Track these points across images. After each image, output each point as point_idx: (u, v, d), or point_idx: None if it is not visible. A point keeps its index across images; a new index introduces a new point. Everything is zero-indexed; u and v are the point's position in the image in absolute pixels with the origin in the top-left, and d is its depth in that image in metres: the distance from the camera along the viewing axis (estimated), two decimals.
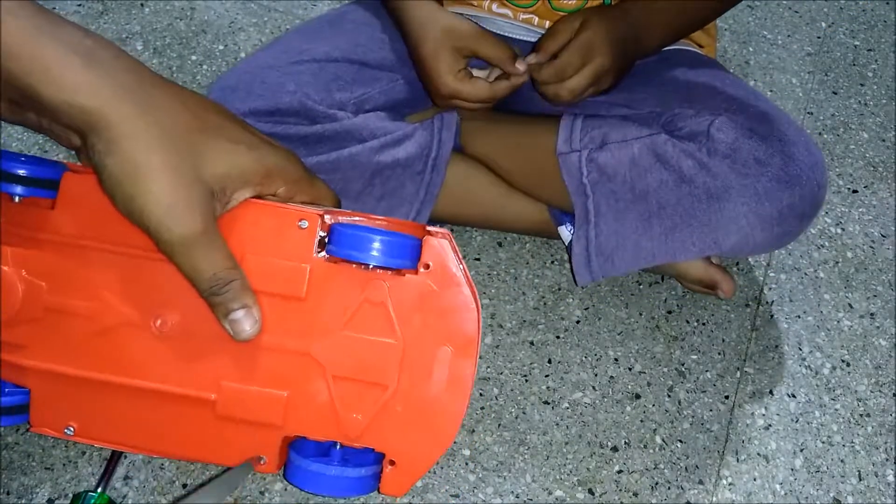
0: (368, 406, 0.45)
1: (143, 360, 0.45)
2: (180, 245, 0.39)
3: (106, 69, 0.37)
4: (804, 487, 0.65)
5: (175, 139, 0.38)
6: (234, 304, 0.41)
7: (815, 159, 0.66)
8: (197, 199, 0.39)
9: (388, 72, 0.71)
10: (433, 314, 0.45)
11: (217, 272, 0.40)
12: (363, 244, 0.44)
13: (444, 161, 0.70)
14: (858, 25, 1.12)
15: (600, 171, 0.67)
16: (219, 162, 0.40)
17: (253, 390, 0.45)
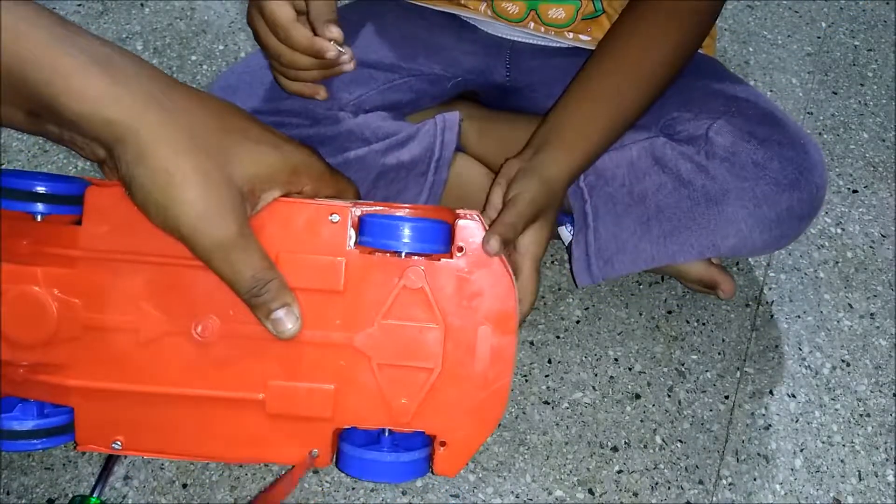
0: (415, 390, 0.46)
1: (187, 367, 0.45)
2: (217, 250, 0.39)
3: (127, 77, 0.37)
4: (804, 487, 0.65)
5: (203, 144, 0.38)
6: (274, 304, 0.41)
7: (815, 161, 0.66)
8: (229, 203, 0.39)
9: (387, 72, 0.72)
10: (471, 294, 0.46)
11: (255, 273, 0.40)
12: (396, 232, 0.45)
13: (447, 162, 0.70)
14: (858, 25, 1.12)
15: (598, 175, 0.67)
16: (246, 163, 0.40)
17: (301, 386, 0.46)
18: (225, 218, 0.38)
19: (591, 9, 0.71)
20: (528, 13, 0.71)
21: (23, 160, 0.86)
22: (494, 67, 0.76)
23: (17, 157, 0.86)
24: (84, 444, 0.46)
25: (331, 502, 0.62)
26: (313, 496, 0.62)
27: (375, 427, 0.47)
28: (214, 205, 0.38)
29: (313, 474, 0.63)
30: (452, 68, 0.74)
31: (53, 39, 0.36)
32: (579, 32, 0.73)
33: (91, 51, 0.36)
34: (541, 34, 0.73)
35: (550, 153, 0.62)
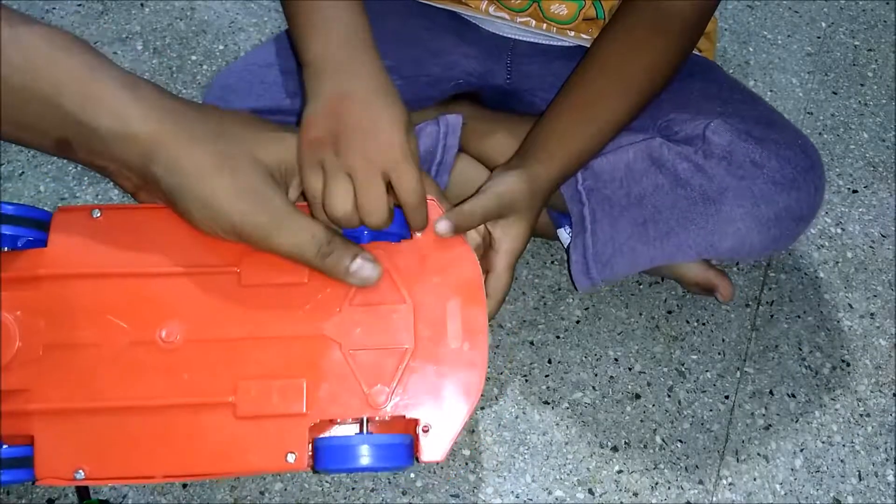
0: (390, 373, 0.45)
1: (153, 376, 0.45)
2: (272, 227, 0.41)
3: (151, 99, 0.40)
4: (804, 487, 0.65)
5: (227, 140, 0.41)
6: (347, 257, 0.42)
7: (813, 162, 0.66)
8: (264, 183, 0.41)
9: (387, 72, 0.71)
10: (435, 271, 0.46)
11: (315, 234, 0.41)
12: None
13: (449, 167, 0.70)
14: (858, 25, 1.12)
15: (596, 177, 0.67)
16: (271, 149, 0.42)
17: (271, 383, 0.45)
18: (266, 195, 0.41)
19: (593, 12, 0.71)
20: (530, 4, 0.71)
21: (23, 160, 0.86)
22: (495, 69, 0.76)
23: (16, 158, 0.86)
24: (44, 478, 0.43)
25: (331, 502, 0.62)
26: (313, 496, 0.62)
27: (353, 416, 0.45)
28: (251, 187, 0.40)
29: (314, 473, 0.63)
30: (453, 70, 0.74)
31: (86, 67, 0.39)
32: (581, 32, 0.73)
33: (119, 77, 0.40)
34: (542, 31, 0.73)
35: (535, 157, 0.62)
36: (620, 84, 0.64)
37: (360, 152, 0.45)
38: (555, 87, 0.68)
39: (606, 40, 0.66)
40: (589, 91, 0.65)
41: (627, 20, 0.66)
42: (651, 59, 0.65)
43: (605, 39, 0.66)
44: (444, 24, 0.75)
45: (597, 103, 0.64)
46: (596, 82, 0.65)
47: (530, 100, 0.76)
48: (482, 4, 0.73)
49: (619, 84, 0.64)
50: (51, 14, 1.04)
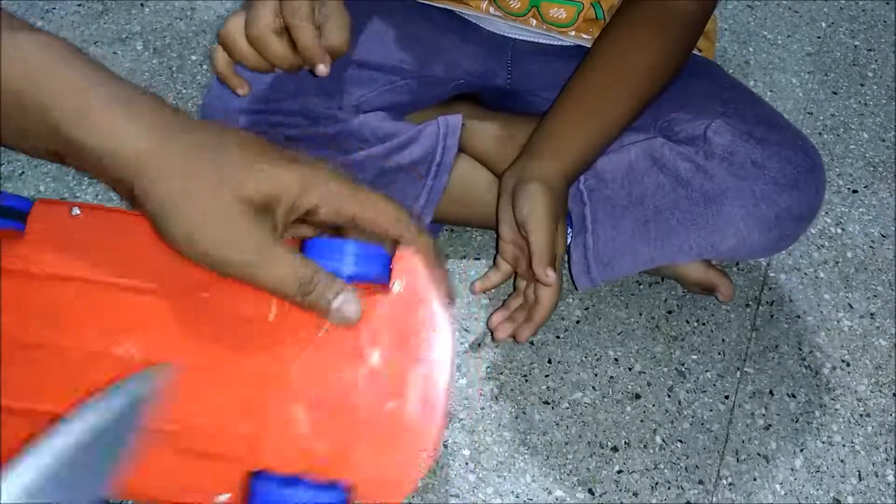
0: (338, 432, 0.43)
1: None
2: (253, 264, 0.40)
3: (144, 114, 0.39)
4: (804, 487, 0.65)
5: (214, 166, 0.39)
6: (329, 294, 0.41)
7: (813, 162, 0.66)
8: (248, 223, 0.39)
9: (389, 74, 0.71)
10: (405, 334, 0.43)
11: (296, 273, 0.40)
12: (335, 252, 0.43)
13: (448, 168, 0.70)
14: (858, 25, 1.12)
15: (597, 177, 0.67)
16: (259, 180, 0.40)
17: (216, 420, 0.43)
18: (247, 230, 0.39)
19: (592, 13, 0.71)
20: (529, 9, 0.71)
21: (23, 160, 0.86)
22: (496, 69, 0.76)
23: (17, 158, 0.86)
24: None
25: None
26: None
27: (291, 471, 0.43)
28: (233, 220, 0.39)
29: None
30: (454, 70, 0.74)
31: (80, 79, 0.38)
32: (581, 32, 0.73)
33: (114, 91, 0.39)
34: (542, 31, 0.73)
35: (543, 160, 0.63)
36: (624, 81, 0.65)
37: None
38: (555, 87, 0.68)
39: (609, 38, 0.66)
40: (593, 88, 0.65)
41: (629, 18, 0.66)
42: (653, 57, 0.65)
43: (608, 37, 0.66)
44: (445, 25, 0.75)
45: (601, 100, 0.65)
46: (599, 79, 0.65)
47: (531, 100, 0.76)
48: (482, 4, 0.73)
49: (623, 81, 0.65)
50: (51, 14, 1.04)
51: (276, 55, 0.55)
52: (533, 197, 0.60)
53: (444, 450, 0.66)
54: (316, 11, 0.56)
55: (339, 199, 0.43)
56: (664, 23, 0.65)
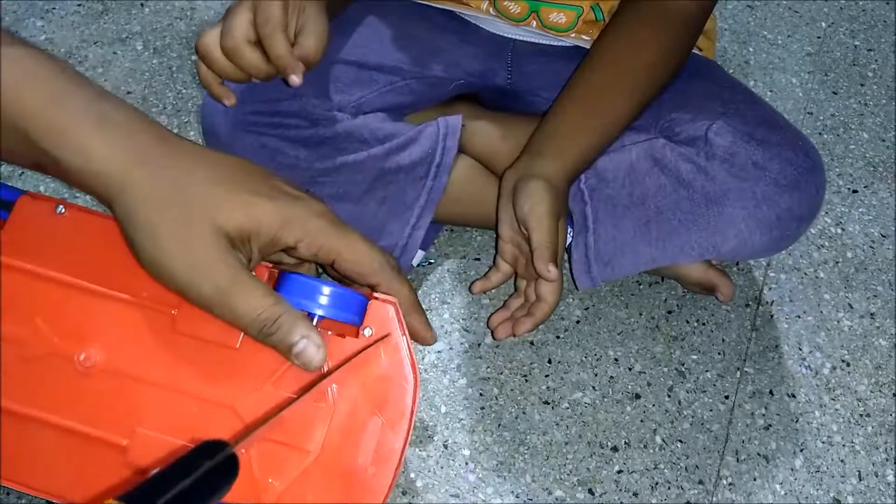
0: (287, 471, 0.42)
1: (62, 395, 0.43)
2: (214, 301, 0.39)
3: (119, 133, 0.38)
4: (804, 487, 0.65)
5: (189, 196, 0.38)
6: (291, 338, 0.39)
7: (814, 163, 0.66)
8: (217, 253, 0.38)
9: (389, 74, 0.71)
10: (369, 381, 0.42)
11: (260, 314, 0.39)
12: (310, 293, 0.42)
13: (448, 169, 0.70)
14: (858, 25, 1.12)
15: (598, 177, 0.67)
16: (236, 214, 0.39)
17: (167, 440, 0.42)
18: (212, 267, 0.38)
19: (592, 16, 0.71)
20: (529, 14, 0.72)
21: None
22: (496, 69, 0.76)
23: None
24: None
25: None
26: None
27: (237, 501, 0.41)
28: (200, 256, 0.38)
29: None
30: (454, 71, 0.74)
31: (54, 94, 0.37)
32: (581, 33, 0.73)
33: (88, 106, 0.37)
34: (542, 32, 0.73)
35: (544, 159, 0.63)
36: (624, 80, 0.65)
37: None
38: (556, 88, 0.68)
39: (609, 38, 0.66)
40: (593, 88, 0.65)
41: (629, 18, 0.66)
42: (653, 56, 0.65)
43: (608, 37, 0.67)
44: (444, 25, 0.75)
45: (602, 99, 0.65)
46: (600, 79, 0.65)
47: (531, 100, 0.76)
48: (482, 4, 0.73)
49: (623, 80, 0.65)
50: (51, 14, 1.04)
51: (251, 65, 0.55)
52: (534, 194, 0.61)
53: (444, 450, 0.66)
54: (294, 17, 0.57)
55: (320, 238, 0.42)
56: (664, 22, 0.65)
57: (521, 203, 0.61)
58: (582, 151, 0.64)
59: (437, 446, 0.66)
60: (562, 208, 0.62)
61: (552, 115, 0.66)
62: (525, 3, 0.71)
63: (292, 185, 0.43)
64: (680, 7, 0.65)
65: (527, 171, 0.63)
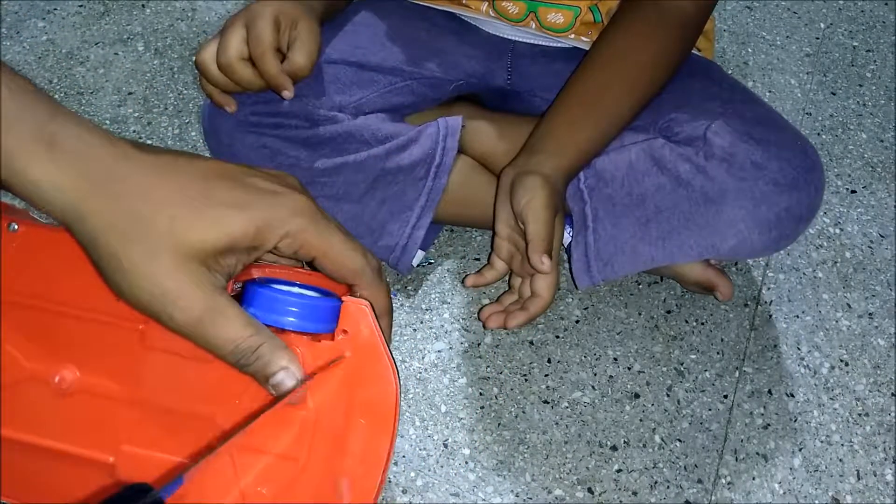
0: (275, 479, 0.41)
1: (44, 417, 0.42)
2: (189, 328, 0.37)
3: (70, 158, 0.35)
4: (803, 487, 0.65)
5: (153, 222, 0.36)
6: (270, 369, 0.38)
7: (812, 162, 0.66)
8: (189, 279, 0.36)
9: (389, 75, 0.72)
10: (349, 384, 0.42)
11: (238, 344, 0.37)
12: (279, 306, 0.41)
13: (448, 169, 0.70)
14: (857, 26, 1.12)
15: (598, 177, 0.67)
16: (206, 231, 0.37)
17: (153, 456, 0.42)
18: (185, 297, 0.36)
19: (590, 17, 0.72)
20: (527, 14, 0.72)
21: None
22: (496, 70, 0.76)
23: None
24: None
25: None
26: None
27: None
28: (172, 286, 0.36)
29: None
30: (454, 71, 0.74)
31: (3, 117, 0.34)
32: (580, 34, 0.73)
33: (37, 130, 0.35)
34: (541, 33, 0.74)
35: (542, 156, 0.63)
36: (624, 78, 0.66)
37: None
38: (555, 88, 0.68)
39: (609, 37, 0.67)
40: (593, 85, 0.66)
41: (628, 18, 0.67)
42: (652, 55, 0.66)
43: (608, 37, 0.67)
44: (445, 26, 0.76)
45: (601, 97, 0.65)
46: (599, 78, 0.66)
47: (531, 100, 0.76)
48: (482, 6, 0.74)
49: (623, 78, 0.65)
50: (52, 14, 1.05)
51: (244, 80, 0.61)
52: (531, 189, 0.61)
53: (444, 449, 0.66)
54: (286, 32, 0.62)
55: (300, 238, 0.40)
56: (663, 23, 0.66)
57: (518, 197, 0.61)
58: (580, 149, 0.65)
59: (437, 445, 0.66)
60: (559, 204, 0.62)
61: (551, 113, 0.66)
62: (523, 3, 0.71)
63: (271, 179, 0.40)
64: (679, 8, 0.65)
65: (524, 167, 0.63)
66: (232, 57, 0.60)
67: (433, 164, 0.70)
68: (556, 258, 0.62)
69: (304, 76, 0.62)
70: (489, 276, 0.67)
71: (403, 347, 0.73)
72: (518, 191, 0.62)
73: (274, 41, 0.60)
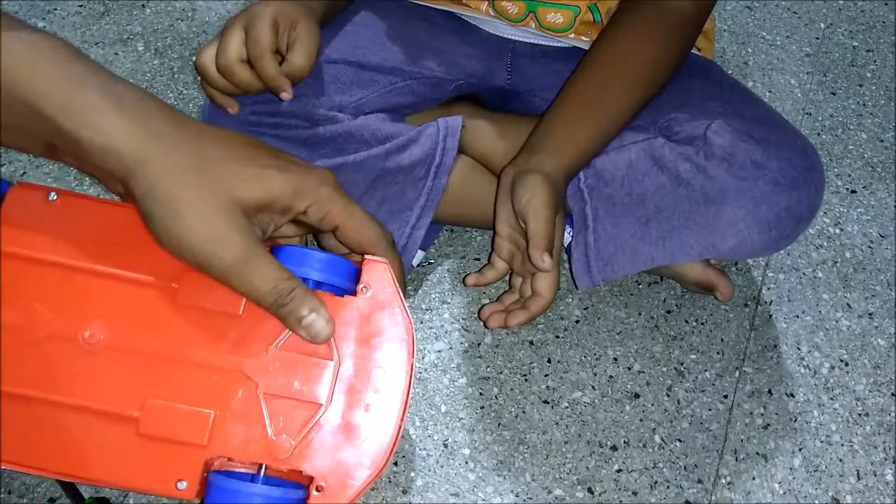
0: (299, 426, 0.44)
1: (68, 374, 0.44)
2: (232, 272, 0.40)
3: (137, 114, 0.39)
4: (803, 487, 0.65)
5: (206, 172, 0.40)
6: (302, 310, 0.42)
7: (812, 162, 0.66)
8: (234, 225, 0.40)
9: (389, 75, 0.72)
10: (369, 336, 0.45)
11: (275, 286, 0.41)
12: (305, 260, 0.45)
13: (448, 169, 0.70)
14: (857, 26, 1.12)
15: (598, 176, 0.67)
16: (251, 187, 0.41)
17: (179, 408, 0.44)
18: (231, 239, 0.40)
19: (589, 16, 0.72)
20: (527, 14, 0.72)
21: (24, 160, 0.86)
22: (496, 71, 0.76)
23: (17, 158, 0.86)
24: None
25: None
26: None
27: (250, 460, 0.44)
28: (219, 228, 0.40)
29: None
30: (454, 71, 0.74)
31: (70, 75, 0.38)
32: (580, 34, 0.73)
33: (105, 88, 0.39)
34: (541, 33, 0.74)
35: (542, 154, 0.64)
36: (623, 79, 0.66)
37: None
38: (555, 88, 0.68)
39: (609, 37, 0.67)
40: (593, 85, 0.66)
41: (628, 18, 0.67)
42: (652, 55, 0.66)
43: (608, 36, 0.67)
44: (444, 26, 0.76)
45: (601, 97, 0.65)
46: (599, 77, 0.66)
47: (531, 100, 0.76)
48: (482, 6, 0.74)
49: (622, 79, 0.66)
50: (52, 14, 1.05)
51: (243, 83, 0.61)
52: (532, 187, 0.61)
53: (444, 449, 0.66)
54: (285, 33, 0.62)
55: (328, 205, 0.44)
56: (662, 22, 0.66)
57: (519, 195, 0.62)
58: (580, 148, 0.65)
59: (437, 445, 0.66)
60: (559, 202, 0.62)
61: (551, 112, 0.66)
62: (522, 3, 0.71)
63: (296, 159, 0.45)
64: (679, 7, 0.66)
65: (525, 166, 0.63)
66: (231, 59, 0.60)
67: (433, 164, 0.70)
68: (556, 257, 0.62)
69: (303, 78, 0.62)
70: (490, 276, 0.67)
71: None
72: (519, 189, 0.62)
73: (272, 43, 0.60)
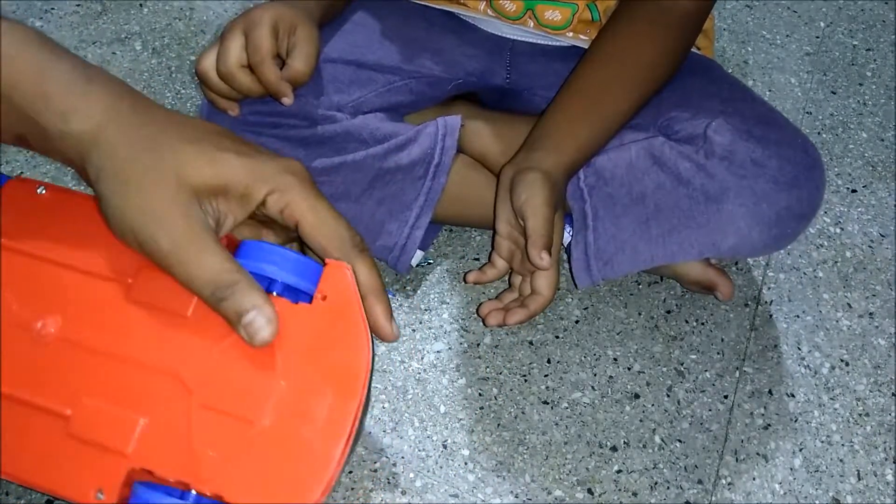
0: (228, 443, 0.40)
1: (12, 363, 0.43)
2: (172, 257, 0.38)
3: (101, 92, 0.39)
4: (803, 487, 0.65)
5: (158, 152, 0.39)
6: (243, 305, 0.38)
7: (813, 160, 0.66)
8: (179, 208, 0.38)
9: (388, 74, 0.71)
10: (322, 350, 0.41)
11: (215, 276, 0.38)
12: (262, 255, 0.41)
13: (447, 169, 0.70)
14: (857, 25, 1.12)
15: (598, 175, 0.67)
16: (203, 169, 0.39)
17: (109, 410, 0.41)
18: (173, 221, 0.38)
19: (588, 15, 0.72)
20: (524, 12, 0.72)
21: (21, 160, 0.86)
22: (494, 69, 0.76)
23: (15, 158, 0.86)
24: None
25: (330, 502, 0.62)
26: None
27: (172, 477, 0.41)
28: (164, 208, 0.38)
29: None
30: (453, 70, 0.74)
31: (40, 63, 0.39)
32: (578, 33, 0.73)
33: (72, 72, 0.39)
34: (540, 32, 0.74)
35: (542, 152, 0.63)
36: (623, 77, 0.66)
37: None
38: (554, 87, 0.68)
39: (608, 36, 0.67)
40: (593, 83, 0.66)
41: (628, 17, 0.67)
42: (652, 54, 0.66)
43: (607, 35, 0.67)
44: (443, 25, 0.75)
45: (601, 95, 0.65)
46: (598, 76, 0.66)
47: (530, 99, 0.76)
48: (480, 5, 0.73)
49: (622, 77, 0.66)
50: (49, 14, 1.04)
51: (244, 87, 0.62)
52: (531, 185, 0.61)
53: (443, 450, 0.66)
54: (285, 37, 0.62)
55: (288, 194, 0.41)
56: (662, 21, 0.66)
57: (518, 193, 0.61)
58: (579, 146, 0.65)
59: (437, 446, 0.66)
60: (559, 200, 0.62)
61: (551, 110, 0.66)
62: (520, 1, 0.71)
63: (269, 152, 0.42)
64: (678, 6, 0.65)
65: (524, 164, 0.63)
66: (231, 65, 0.60)
67: (432, 163, 0.69)
68: (556, 255, 0.62)
69: (303, 82, 0.62)
70: (490, 274, 0.67)
71: (402, 348, 0.72)
72: (518, 188, 0.61)
73: (272, 48, 0.60)
